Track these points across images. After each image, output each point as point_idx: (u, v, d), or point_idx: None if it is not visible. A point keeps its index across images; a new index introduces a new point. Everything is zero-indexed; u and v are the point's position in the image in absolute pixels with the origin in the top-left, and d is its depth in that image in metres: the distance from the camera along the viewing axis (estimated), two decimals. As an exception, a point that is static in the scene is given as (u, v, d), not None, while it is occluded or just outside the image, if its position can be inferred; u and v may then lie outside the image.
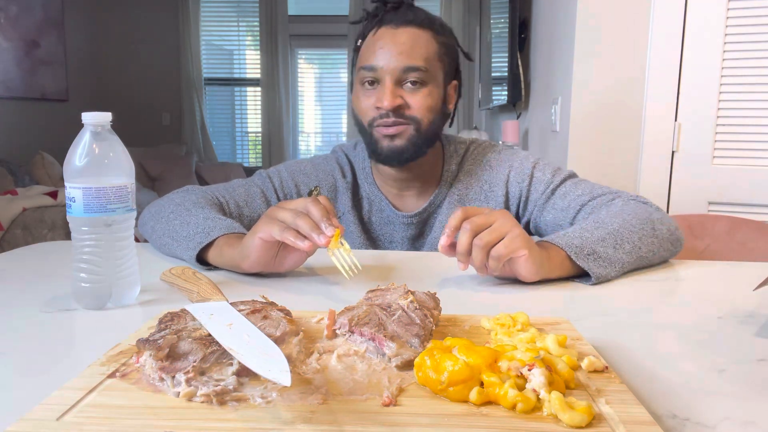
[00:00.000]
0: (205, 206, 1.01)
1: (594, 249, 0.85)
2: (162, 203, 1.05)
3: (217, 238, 0.89)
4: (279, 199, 1.15)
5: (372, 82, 1.05)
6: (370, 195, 1.17)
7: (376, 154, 1.08)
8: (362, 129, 1.09)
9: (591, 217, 0.98)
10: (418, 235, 1.16)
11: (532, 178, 1.13)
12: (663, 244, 0.95)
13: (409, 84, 1.03)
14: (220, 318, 0.53)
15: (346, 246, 0.76)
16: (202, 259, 0.91)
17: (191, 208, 0.99)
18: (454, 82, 1.14)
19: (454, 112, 1.16)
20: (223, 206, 1.10)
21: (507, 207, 1.15)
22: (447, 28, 1.11)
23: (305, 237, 0.75)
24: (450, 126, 1.16)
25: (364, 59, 1.06)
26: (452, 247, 0.80)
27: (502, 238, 0.78)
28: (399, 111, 1.03)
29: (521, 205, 1.14)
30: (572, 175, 1.14)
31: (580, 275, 0.86)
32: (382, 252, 1.08)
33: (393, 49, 1.03)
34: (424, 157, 1.10)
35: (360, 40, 1.10)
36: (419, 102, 1.04)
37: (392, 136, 1.04)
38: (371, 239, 1.16)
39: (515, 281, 0.84)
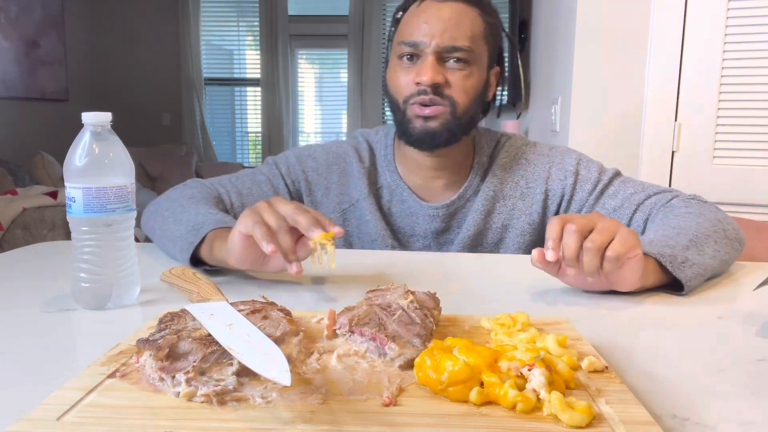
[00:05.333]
0: (199, 201, 0.97)
1: (686, 257, 0.80)
2: (160, 201, 1.02)
3: (207, 234, 0.85)
4: (287, 186, 1.11)
5: (411, 57, 0.99)
6: (391, 184, 1.10)
7: (407, 135, 1.01)
8: (395, 107, 1.03)
9: (662, 222, 0.93)
10: (444, 230, 1.09)
11: (578, 176, 1.07)
12: (733, 245, 0.90)
13: (451, 62, 0.97)
14: (220, 318, 0.53)
15: (332, 247, 0.72)
16: (199, 260, 0.87)
17: (185, 203, 0.95)
18: (497, 69, 1.07)
19: (493, 103, 1.09)
20: (223, 197, 1.05)
21: (545, 205, 1.09)
22: (494, 9, 1.03)
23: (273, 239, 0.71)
24: (498, 117, 1.12)
25: (405, 34, 0.99)
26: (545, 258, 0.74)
27: (613, 238, 0.72)
28: (438, 89, 0.97)
29: (563, 203, 1.09)
30: (618, 173, 1.09)
31: (663, 286, 0.81)
32: (388, 252, 1.08)
33: (437, 25, 0.96)
34: (457, 145, 1.04)
35: (401, 12, 1.03)
36: (459, 81, 0.98)
37: (427, 118, 0.98)
38: (393, 231, 1.10)
39: (515, 282, 0.84)
